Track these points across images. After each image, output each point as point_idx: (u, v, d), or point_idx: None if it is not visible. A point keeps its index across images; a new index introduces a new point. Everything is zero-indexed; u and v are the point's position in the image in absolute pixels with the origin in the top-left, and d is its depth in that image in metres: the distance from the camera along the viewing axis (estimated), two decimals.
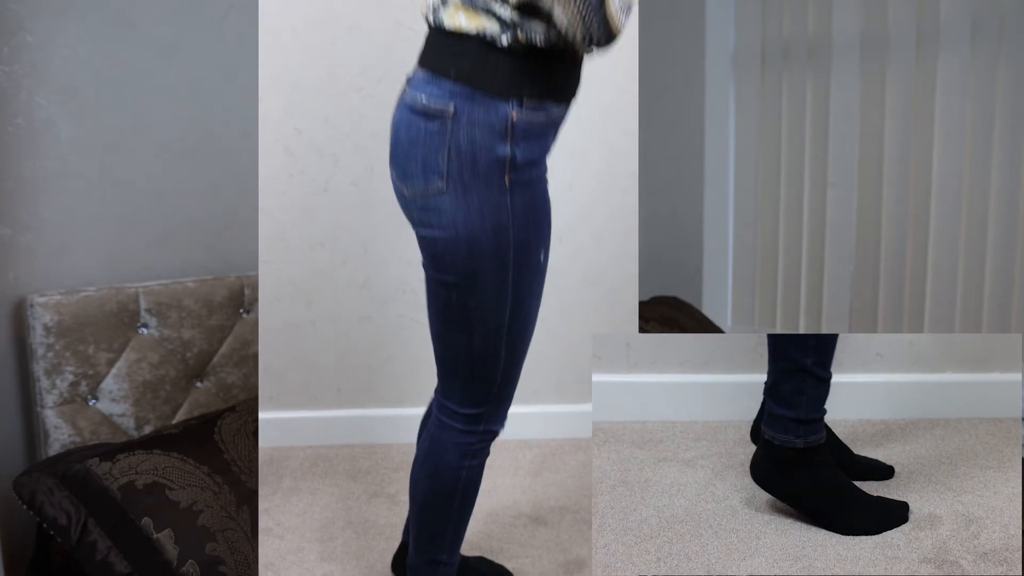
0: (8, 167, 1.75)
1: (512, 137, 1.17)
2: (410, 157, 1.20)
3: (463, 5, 1.15)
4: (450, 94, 1.16)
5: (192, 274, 2.01)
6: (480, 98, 1.15)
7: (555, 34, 1.14)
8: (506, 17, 1.13)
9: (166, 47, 1.96)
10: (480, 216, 1.18)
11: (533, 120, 1.18)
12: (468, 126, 1.16)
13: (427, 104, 1.17)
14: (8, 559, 1.67)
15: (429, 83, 1.18)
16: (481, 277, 1.21)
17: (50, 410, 1.75)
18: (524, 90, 1.16)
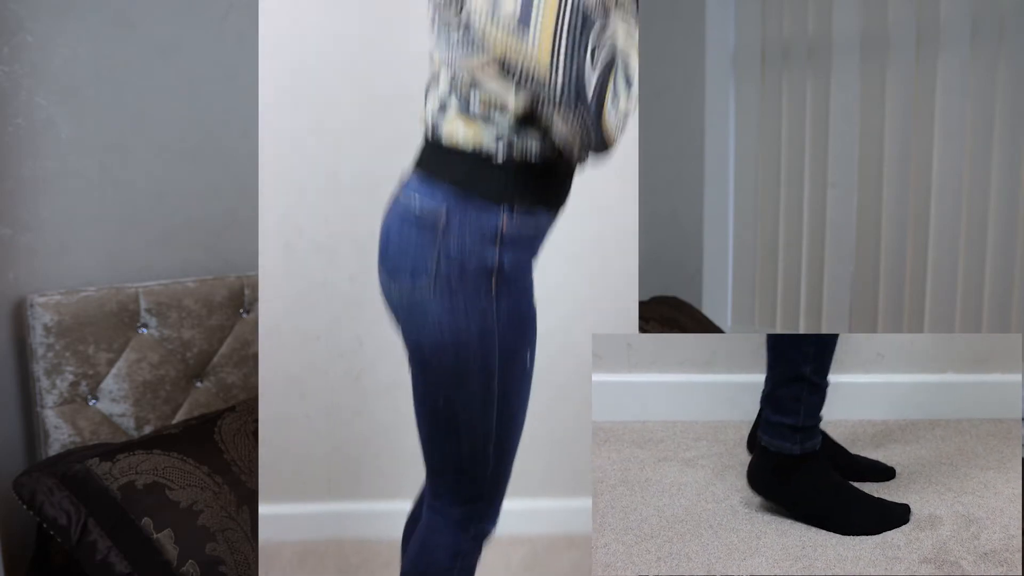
0: (8, 167, 1.75)
1: (501, 244, 1.18)
2: (400, 260, 1.21)
3: (461, 115, 1.17)
4: (443, 198, 1.17)
5: (192, 274, 2.01)
6: (472, 203, 1.17)
7: (549, 148, 1.16)
8: (503, 129, 1.15)
9: (166, 47, 1.96)
10: (466, 321, 1.19)
11: (523, 227, 1.20)
12: (459, 231, 1.17)
13: (420, 206, 1.18)
14: (8, 559, 1.67)
15: (422, 189, 1.19)
16: (467, 381, 1.21)
17: (50, 410, 1.75)
18: (515, 198, 1.17)
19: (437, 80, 1.21)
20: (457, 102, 1.17)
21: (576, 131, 1.07)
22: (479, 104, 1.15)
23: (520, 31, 1.02)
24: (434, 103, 1.21)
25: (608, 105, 1.04)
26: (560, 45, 1.02)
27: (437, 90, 1.21)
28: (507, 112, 1.14)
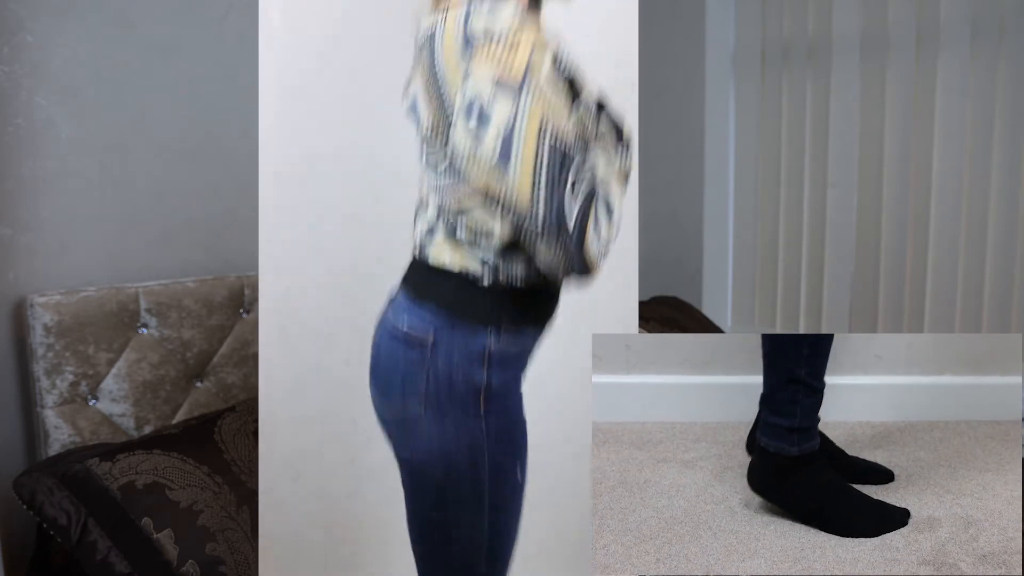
0: (8, 167, 1.76)
1: (489, 364, 1.19)
2: (390, 379, 1.23)
3: (448, 243, 1.18)
4: (431, 321, 1.18)
5: (192, 274, 2.01)
6: (459, 326, 1.18)
7: (534, 272, 1.18)
8: (489, 257, 1.16)
9: (166, 47, 1.96)
10: (456, 440, 1.19)
11: (510, 347, 1.21)
12: (447, 352, 1.18)
13: (408, 327, 1.20)
14: (8, 559, 1.67)
15: (410, 309, 1.21)
16: (457, 498, 1.22)
17: (50, 410, 1.75)
18: (502, 320, 1.19)
19: (426, 205, 1.23)
20: (444, 228, 1.18)
21: (559, 259, 1.09)
22: (465, 230, 1.16)
23: (501, 166, 1.04)
24: (422, 226, 1.23)
25: (590, 234, 1.06)
26: (540, 180, 1.04)
27: (425, 214, 1.23)
28: (492, 238, 1.15)
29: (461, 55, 1.05)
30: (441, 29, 1.08)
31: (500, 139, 1.03)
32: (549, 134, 1.04)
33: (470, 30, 1.04)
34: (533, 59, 1.03)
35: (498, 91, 1.03)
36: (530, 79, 1.03)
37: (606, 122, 1.18)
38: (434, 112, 1.10)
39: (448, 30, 1.07)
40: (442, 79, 1.08)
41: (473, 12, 1.05)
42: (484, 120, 1.03)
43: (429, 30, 1.11)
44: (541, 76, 1.04)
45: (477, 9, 1.05)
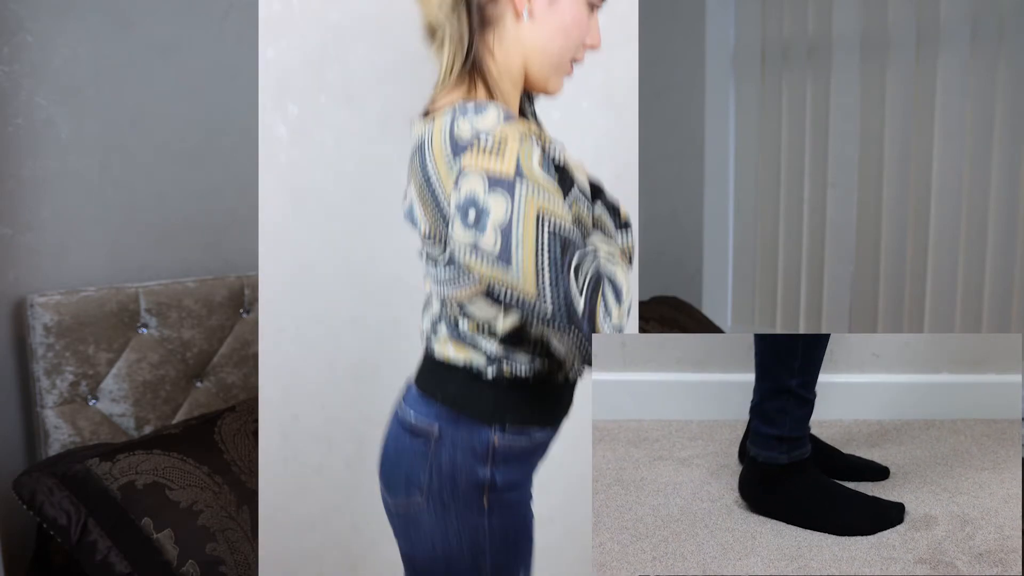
0: (8, 167, 1.76)
1: (493, 461, 1.19)
2: (395, 470, 1.23)
3: (451, 338, 1.19)
4: (436, 415, 1.19)
5: (192, 274, 2.02)
6: (464, 422, 1.18)
7: (539, 366, 1.18)
8: (492, 351, 1.17)
9: (166, 47, 1.96)
10: (457, 537, 1.19)
11: (515, 445, 1.20)
12: (451, 448, 1.18)
13: (415, 422, 1.20)
14: (8, 559, 1.67)
15: (418, 401, 1.22)
16: None
17: (50, 410, 1.76)
18: (507, 416, 1.19)
19: (430, 300, 1.25)
20: (447, 322, 1.20)
21: (573, 349, 1.09)
22: (468, 324, 1.18)
23: (503, 260, 1.05)
24: (427, 320, 1.25)
25: (600, 323, 1.07)
26: (544, 268, 1.04)
27: (430, 309, 1.24)
28: (496, 331, 1.16)
29: (452, 159, 1.07)
30: (429, 136, 1.10)
31: (499, 233, 1.04)
32: (547, 222, 1.04)
33: (457, 134, 1.06)
34: (522, 153, 1.05)
35: (492, 188, 1.04)
36: (522, 172, 1.04)
37: (602, 207, 1.21)
38: (431, 215, 1.12)
39: (436, 136, 1.09)
40: (435, 183, 1.09)
41: (459, 116, 1.07)
42: (481, 217, 1.04)
43: (419, 139, 1.13)
44: (532, 168, 1.05)
45: (462, 114, 1.07)
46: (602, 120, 2.16)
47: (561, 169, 1.13)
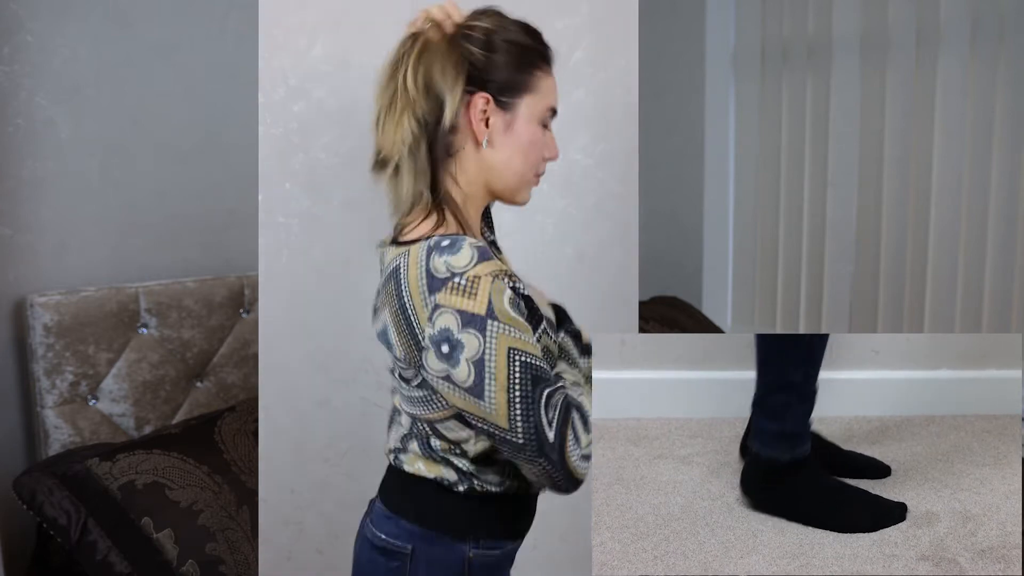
0: (8, 167, 1.76)
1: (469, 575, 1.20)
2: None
3: (423, 455, 1.20)
4: (408, 534, 1.19)
5: (192, 274, 2.02)
6: (437, 539, 1.19)
7: (510, 483, 1.20)
8: (464, 467, 1.18)
9: (166, 47, 1.96)
10: None
11: (489, 556, 1.22)
12: (426, 566, 1.19)
13: (387, 544, 1.21)
14: (8, 559, 1.67)
15: (388, 521, 1.22)
16: None
17: (50, 410, 1.76)
18: (481, 531, 1.20)
19: (399, 413, 1.24)
20: (418, 446, 1.20)
21: (544, 476, 1.11)
22: (440, 441, 1.18)
23: (476, 391, 1.07)
24: (396, 434, 1.24)
25: (570, 450, 1.09)
26: (515, 401, 1.07)
27: (400, 427, 1.24)
28: (468, 449, 1.17)
29: (427, 294, 1.09)
30: (405, 268, 1.12)
31: (472, 368, 1.07)
32: (518, 359, 1.07)
33: (432, 271, 1.09)
34: (494, 293, 1.07)
35: (465, 326, 1.06)
36: (493, 312, 1.07)
37: (565, 335, 1.23)
38: (405, 342, 1.13)
39: (412, 270, 1.11)
40: (410, 313, 1.11)
41: (434, 254, 1.09)
42: (455, 352, 1.07)
43: (393, 263, 1.15)
44: (503, 308, 1.08)
45: (437, 252, 1.09)
46: (602, 120, 2.16)
47: (529, 303, 1.14)
